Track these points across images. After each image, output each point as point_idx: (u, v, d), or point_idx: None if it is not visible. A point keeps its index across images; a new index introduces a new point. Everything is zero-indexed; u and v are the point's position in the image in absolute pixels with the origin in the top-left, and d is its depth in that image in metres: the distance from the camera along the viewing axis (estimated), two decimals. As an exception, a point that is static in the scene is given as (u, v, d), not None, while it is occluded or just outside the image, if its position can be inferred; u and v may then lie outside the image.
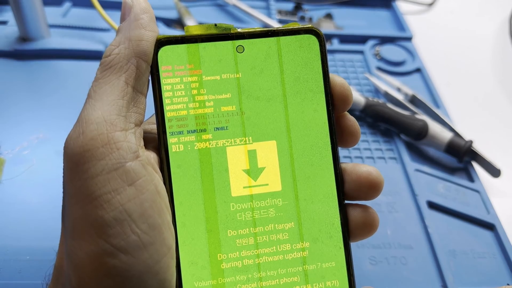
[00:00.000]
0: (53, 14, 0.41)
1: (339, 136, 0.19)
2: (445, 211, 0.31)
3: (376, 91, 0.40)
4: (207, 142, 0.19)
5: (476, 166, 0.35)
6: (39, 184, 0.29)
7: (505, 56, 0.47)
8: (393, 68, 0.42)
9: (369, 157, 0.35)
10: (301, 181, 0.19)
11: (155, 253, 0.15)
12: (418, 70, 0.43)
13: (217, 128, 0.19)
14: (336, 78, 0.19)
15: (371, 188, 0.18)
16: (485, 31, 0.50)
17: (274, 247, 0.18)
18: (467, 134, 0.36)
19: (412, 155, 0.35)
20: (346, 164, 0.19)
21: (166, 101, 0.19)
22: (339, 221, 0.19)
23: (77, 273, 0.15)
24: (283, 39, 0.20)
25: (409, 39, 0.46)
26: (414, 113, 0.36)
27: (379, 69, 0.42)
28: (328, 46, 0.44)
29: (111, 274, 0.15)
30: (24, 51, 0.37)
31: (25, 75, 0.36)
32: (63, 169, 0.16)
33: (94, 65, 0.38)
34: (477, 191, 0.33)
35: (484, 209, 0.32)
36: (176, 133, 0.18)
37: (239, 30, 0.19)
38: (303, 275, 0.18)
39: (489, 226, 0.31)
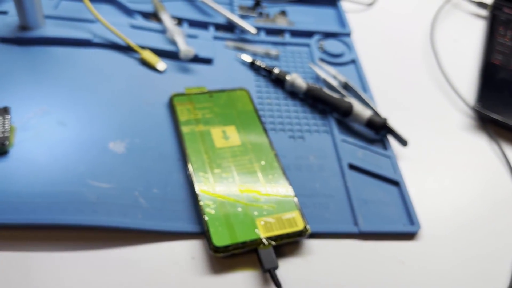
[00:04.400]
0: (46, 6, 0.48)
1: None
2: (362, 171, 0.41)
3: (317, 78, 0.49)
4: (201, 127, 0.40)
5: (389, 137, 0.44)
6: (44, 145, 0.37)
7: (424, 54, 0.56)
8: (332, 59, 0.52)
9: (307, 130, 0.44)
10: (249, 142, 0.40)
11: None
12: (353, 61, 0.52)
13: (205, 122, 0.41)
14: None
15: None
16: (413, 31, 0.60)
17: (241, 165, 0.38)
18: (385, 113, 0.46)
19: (340, 129, 0.44)
20: None
21: (179, 114, 0.41)
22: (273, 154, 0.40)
23: None
24: (231, 93, 0.44)
25: (348, 34, 0.55)
26: (344, 96, 0.45)
27: (322, 60, 0.51)
28: (280, 39, 0.53)
29: None
30: (24, 39, 0.44)
31: (26, 59, 0.43)
32: None
33: (82, 51, 0.46)
34: (388, 156, 0.42)
35: (392, 170, 0.41)
36: (185, 124, 0.40)
37: (208, 89, 0.44)
38: (259, 176, 0.38)
39: (395, 183, 0.41)
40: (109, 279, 0.31)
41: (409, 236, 0.37)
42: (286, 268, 0.34)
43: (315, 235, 0.36)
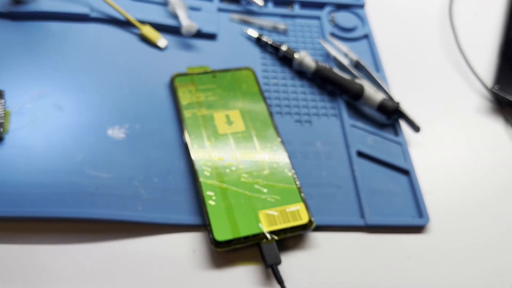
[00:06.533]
0: (41, -24, 0.45)
1: None
2: (370, 158, 0.39)
3: (327, 56, 0.46)
4: (203, 111, 0.39)
5: (401, 122, 0.42)
6: (41, 132, 0.36)
7: (442, 28, 0.53)
8: (344, 34, 0.49)
9: (315, 114, 0.42)
10: (254, 128, 0.38)
11: None
12: (366, 36, 0.49)
13: (208, 106, 0.39)
14: None
15: None
16: (431, 5, 0.56)
17: (245, 151, 0.36)
18: (399, 94, 0.43)
19: (350, 113, 0.42)
20: None
21: (181, 97, 0.39)
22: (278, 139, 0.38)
23: None
24: (236, 72, 0.42)
25: (361, 6, 0.51)
26: (355, 77, 0.43)
27: (333, 34, 0.48)
28: (289, 11, 0.50)
29: None
30: (18, 13, 0.42)
31: (21, 35, 0.41)
32: None
33: (79, 27, 0.43)
34: (399, 143, 0.41)
35: (403, 158, 0.40)
36: (187, 108, 0.38)
37: (211, 69, 0.42)
38: (264, 164, 0.36)
39: (405, 172, 0.39)
40: (108, 272, 0.31)
41: (417, 229, 0.36)
42: (289, 262, 0.33)
43: (320, 228, 0.35)
